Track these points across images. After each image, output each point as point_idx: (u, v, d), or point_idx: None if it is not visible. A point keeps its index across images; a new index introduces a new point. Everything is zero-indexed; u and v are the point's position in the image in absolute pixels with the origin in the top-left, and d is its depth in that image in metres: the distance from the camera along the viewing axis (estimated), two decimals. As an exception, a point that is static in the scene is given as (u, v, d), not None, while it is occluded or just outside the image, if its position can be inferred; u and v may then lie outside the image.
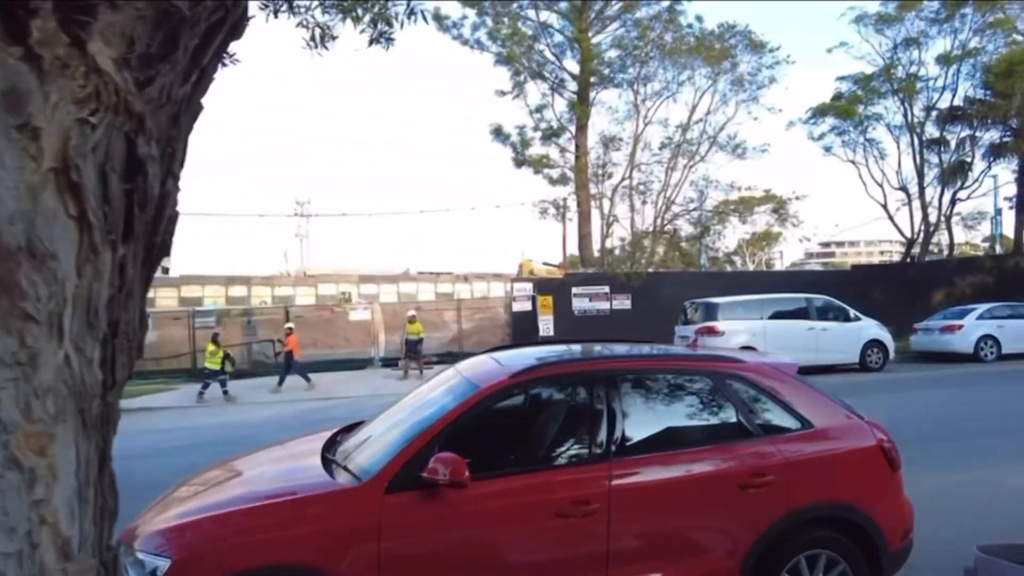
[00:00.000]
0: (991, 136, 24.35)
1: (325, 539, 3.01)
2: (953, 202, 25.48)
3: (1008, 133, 23.65)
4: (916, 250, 25.82)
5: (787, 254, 62.47)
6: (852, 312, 15.73)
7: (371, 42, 4.27)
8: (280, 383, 16.75)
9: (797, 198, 23.93)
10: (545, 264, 47.15)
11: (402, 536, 3.07)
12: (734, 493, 3.40)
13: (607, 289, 21.07)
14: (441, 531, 3.12)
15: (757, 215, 55.49)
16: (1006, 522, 5.05)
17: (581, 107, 21.05)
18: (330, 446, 3.92)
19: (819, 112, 24.81)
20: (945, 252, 27.72)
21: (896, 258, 35.23)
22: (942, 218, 25.52)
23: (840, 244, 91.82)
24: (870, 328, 15.69)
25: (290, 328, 18.04)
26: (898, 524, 3.66)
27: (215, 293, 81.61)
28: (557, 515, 3.19)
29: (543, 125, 21.20)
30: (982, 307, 17.34)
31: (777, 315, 15.41)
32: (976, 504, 5.63)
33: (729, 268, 54.28)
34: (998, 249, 30.19)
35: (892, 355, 15.79)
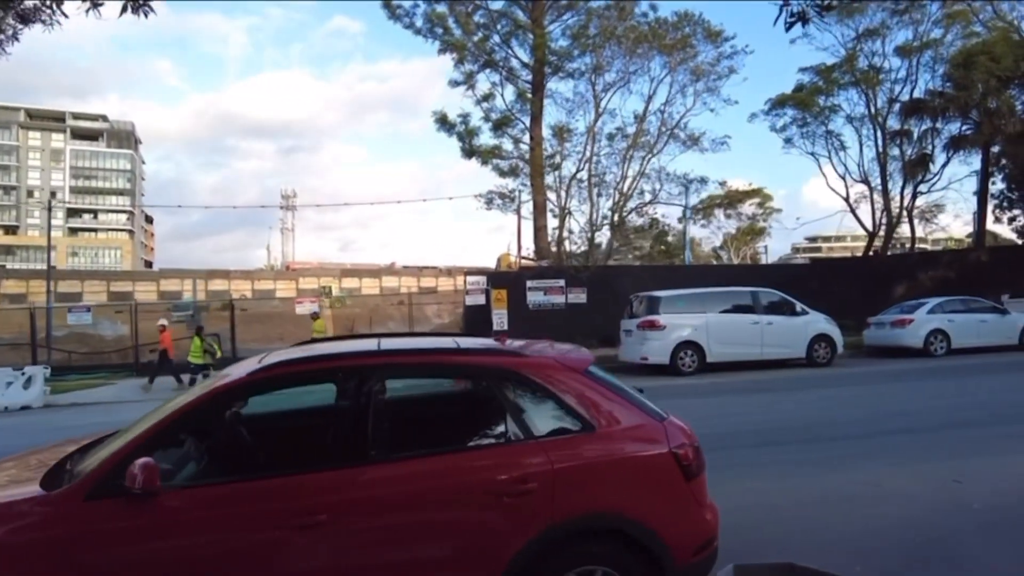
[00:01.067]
0: (953, 129, 24.17)
1: (17, 548, 2.72)
2: (914, 195, 25.31)
3: (969, 126, 23.47)
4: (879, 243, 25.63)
5: (774, 249, 62.44)
6: (799, 306, 15.45)
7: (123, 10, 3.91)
8: (150, 381, 16.41)
9: (752, 191, 23.53)
10: (523, 258, 46.89)
11: (98, 546, 2.77)
12: (490, 503, 3.04)
13: (562, 283, 20.74)
14: (137, 543, 2.80)
15: (742, 209, 55.56)
16: (834, 532, 4.78)
17: (535, 97, 20.68)
18: (86, 451, 3.57)
19: (778, 103, 24.57)
20: (911, 246, 27.53)
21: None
22: (904, 211, 25.34)
23: (827, 239, 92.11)
24: (817, 322, 15.43)
25: (163, 325, 17.73)
26: (690, 537, 3.32)
27: (194, 287, 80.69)
28: (275, 527, 2.85)
29: (494, 115, 20.83)
30: (933, 301, 17.14)
31: (721, 309, 15.11)
32: (822, 510, 5.33)
33: (715, 262, 54.26)
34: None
35: (840, 349, 15.53)
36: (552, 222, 21.73)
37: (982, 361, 15.10)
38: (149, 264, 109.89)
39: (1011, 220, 32.19)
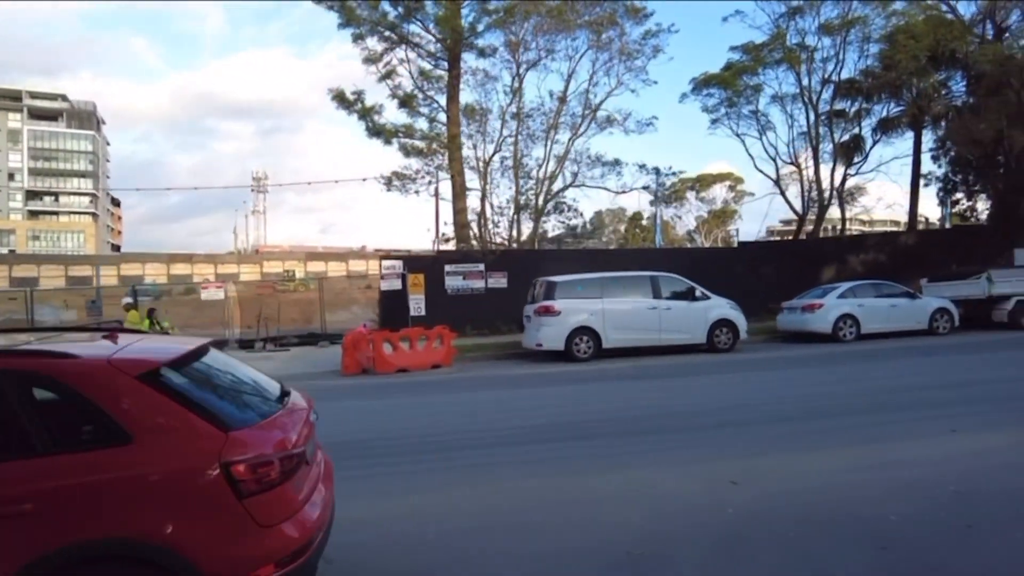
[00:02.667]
0: (887, 110, 23.85)
1: None
2: (844, 177, 25.02)
3: (900, 107, 23.17)
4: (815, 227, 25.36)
5: (750, 231, 62.17)
6: (700, 291, 15.08)
7: None
8: None
9: (673, 173, 23.13)
10: (442, 240, 46.45)
11: None
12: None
13: (482, 267, 20.24)
14: None
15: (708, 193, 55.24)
16: (549, 540, 4.36)
17: (451, 74, 19.96)
18: None
19: (702, 83, 24.03)
20: (842, 228, 27.27)
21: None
22: (834, 193, 25.06)
23: (801, 222, 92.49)
24: (719, 307, 15.08)
25: (128, 303, 16.97)
26: (245, 564, 2.87)
27: (157, 271, 79.64)
28: None
29: (401, 93, 20.09)
30: (844, 286, 16.90)
31: (619, 294, 14.71)
32: (554, 515, 4.92)
33: (689, 245, 54.06)
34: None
35: (743, 335, 15.21)
36: (478, 205, 21.18)
37: (887, 346, 14.88)
38: (117, 248, 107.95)
39: (955, 203, 32.23)
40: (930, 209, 40.15)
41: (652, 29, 21.66)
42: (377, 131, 20.00)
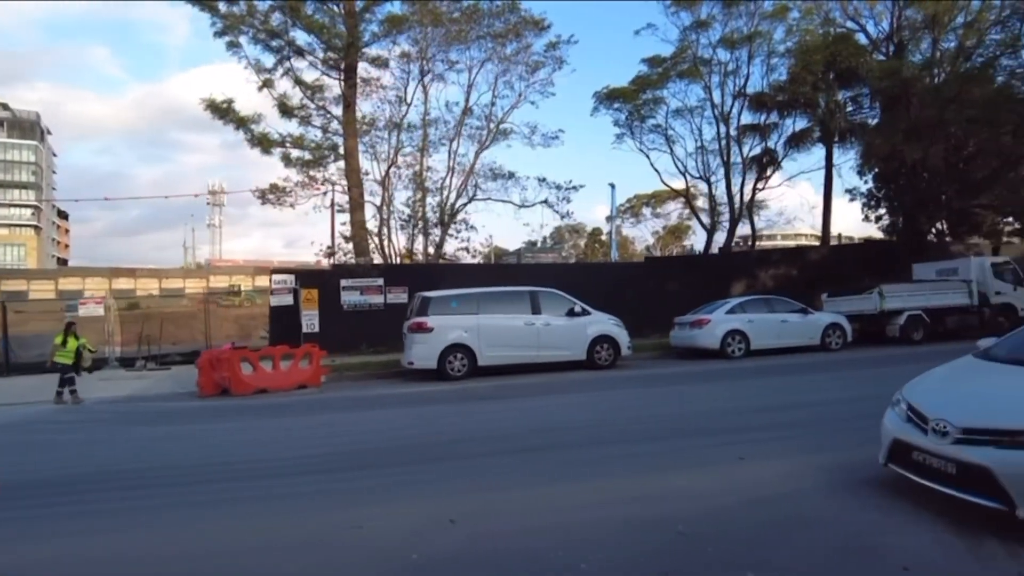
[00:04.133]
0: (800, 124, 23.92)
1: None
2: (754, 191, 24.97)
3: (811, 122, 23.25)
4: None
5: (704, 245, 62.73)
6: (580, 306, 14.62)
7: None
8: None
9: (574, 188, 22.80)
10: (330, 253, 45.84)
11: None
12: None
13: (380, 282, 19.56)
14: None
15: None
16: None
17: (347, 84, 19.32)
18: None
19: (605, 97, 23.80)
20: (752, 243, 27.14)
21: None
22: (744, 207, 24.97)
23: (759, 237, 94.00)
24: (600, 323, 14.63)
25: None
26: None
27: (97, 285, 76.83)
28: None
29: (290, 103, 19.33)
30: (734, 301, 16.67)
31: (496, 310, 14.17)
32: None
33: (629, 260, 54.12)
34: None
35: (626, 351, 14.75)
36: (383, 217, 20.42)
37: (772, 363, 14.53)
38: (65, 262, 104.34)
39: (878, 219, 32.61)
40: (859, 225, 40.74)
41: (554, 41, 21.42)
42: (258, 140, 19.21)
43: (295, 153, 19.38)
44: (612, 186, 60.75)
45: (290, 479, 6.39)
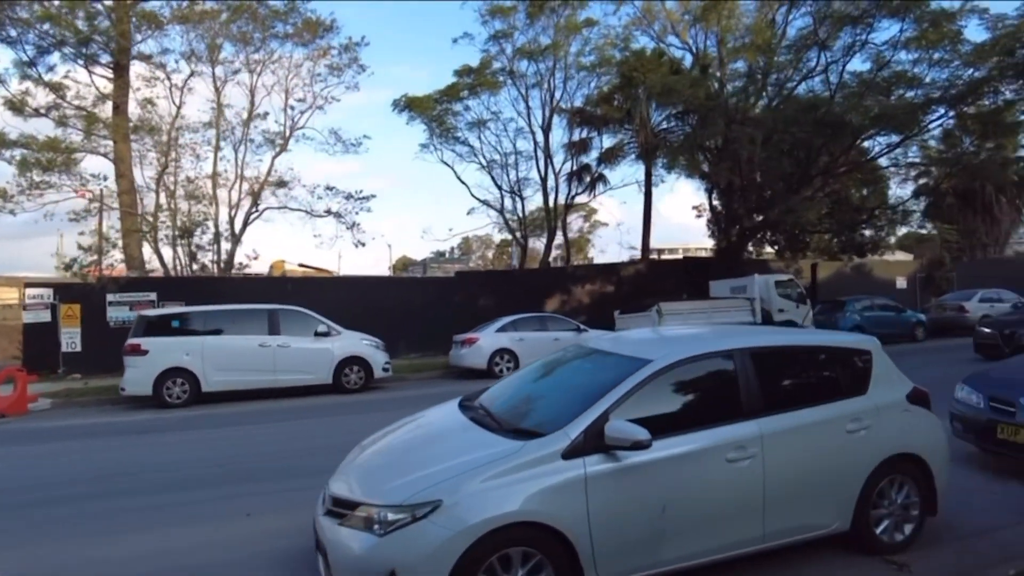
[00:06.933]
0: (618, 140, 24.11)
1: None
2: (567, 206, 25.04)
3: (629, 137, 23.48)
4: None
5: (615, 259, 63.67)
6: (327, 326, 13.81)
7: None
8: None
9: (365, 198, 22.14)
10: (302, 266, 43.40)
11: None
12: None
13: (153, 296, 18.12)
14: None
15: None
16: None
17: (118, 82, 17.89)
18: None
19: (405, 107, 23.25)
20: (567, 259, 27.14)
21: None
22: (558, 222, 25.00)
23: (660, 251, 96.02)
24: (349, 344, 13.86)
25: None
26: None
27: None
28: None
29: (40, 101, 17.72)
30: (507, 319, 16.29)
31: (227, 330, 13.15)
32: None
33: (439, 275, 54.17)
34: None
35: (382, 372, 14.00)
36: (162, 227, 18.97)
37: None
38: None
39: (723, 237, 33.57)
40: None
41: (346, 43, 20.70)
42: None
43: (25, 154, 17.49)
44: (349, 195, 60.48)
45: None
